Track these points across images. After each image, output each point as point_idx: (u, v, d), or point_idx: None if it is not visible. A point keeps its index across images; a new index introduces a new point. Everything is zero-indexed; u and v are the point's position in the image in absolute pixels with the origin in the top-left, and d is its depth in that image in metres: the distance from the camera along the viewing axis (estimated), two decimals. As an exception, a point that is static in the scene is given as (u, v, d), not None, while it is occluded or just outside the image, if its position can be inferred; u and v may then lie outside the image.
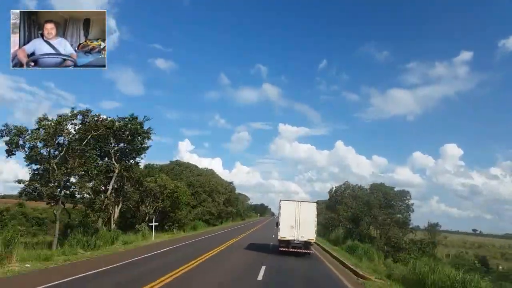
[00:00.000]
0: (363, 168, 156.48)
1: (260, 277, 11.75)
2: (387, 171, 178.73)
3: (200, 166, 54.52)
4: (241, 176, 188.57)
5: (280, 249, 19.75)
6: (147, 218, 26.55)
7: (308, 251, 19.60)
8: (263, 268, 13.59)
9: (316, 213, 19.59)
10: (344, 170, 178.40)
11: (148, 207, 27.20)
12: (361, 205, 37.67)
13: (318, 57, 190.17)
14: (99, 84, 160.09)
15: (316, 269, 15.33)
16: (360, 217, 35.19)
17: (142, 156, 24.74)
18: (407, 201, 46.28)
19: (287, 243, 19.34)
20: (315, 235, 19.67)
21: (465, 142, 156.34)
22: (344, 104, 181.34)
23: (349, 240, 29.51)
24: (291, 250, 19.21)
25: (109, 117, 21.93)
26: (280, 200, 20.07)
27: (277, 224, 20.05)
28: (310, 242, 19.38)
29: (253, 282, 10.90)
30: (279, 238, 19.64)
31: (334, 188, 48.02)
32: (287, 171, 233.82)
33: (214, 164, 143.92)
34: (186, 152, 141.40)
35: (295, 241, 19.13)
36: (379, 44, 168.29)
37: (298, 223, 19.30)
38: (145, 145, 23.95)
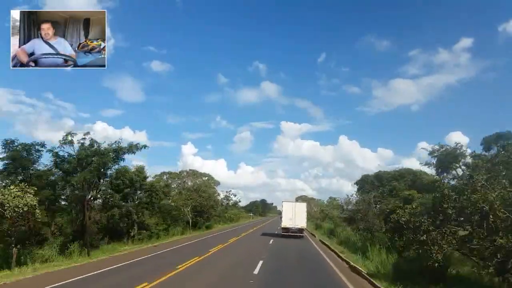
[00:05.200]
0: (368, 161, 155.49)
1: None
2: (394, 163, 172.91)
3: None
4: (247, 177, 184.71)
5: (282, 233, 28.29)
6: None
7: (301, 234, 28.33)
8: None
9: (306, 209, 29.25)
10: (349, 165, 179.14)
11: None
12: None
13: (317, 51, 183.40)
14: (98, 93, 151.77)
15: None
16: None
17: None
18: None
19: (287, 229, 27.97)
20: (306, 224, 29.42)
21: (470, 129, 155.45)
22: (346, 97, 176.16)
23: None
24: (290, 234, 27.47)
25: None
26: (282, 201, 29.59)
27: (281, 217, 29.31)
28: (303, 228, 28.57)
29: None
30: (282, 226, 28.78)
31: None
32: (292, 169, 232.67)
33: (219, 166, 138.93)
34: (189, 155, 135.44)
35: (293, 228, 27.81)
36: (379, 34, 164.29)
37: (294, 216, 27.89)
38: None
